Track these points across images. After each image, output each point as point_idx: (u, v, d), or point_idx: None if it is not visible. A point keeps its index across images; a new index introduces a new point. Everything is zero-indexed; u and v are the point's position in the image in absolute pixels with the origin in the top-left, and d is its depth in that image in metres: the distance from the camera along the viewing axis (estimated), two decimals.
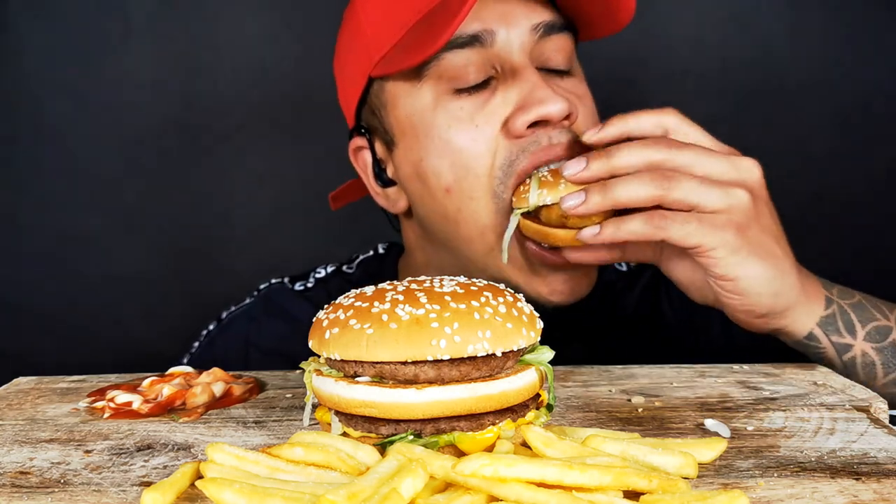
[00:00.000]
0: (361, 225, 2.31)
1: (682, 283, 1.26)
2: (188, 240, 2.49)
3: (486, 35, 1.26)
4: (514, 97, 1.27)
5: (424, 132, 1.32)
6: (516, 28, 1.27)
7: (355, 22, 1.39)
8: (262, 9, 2.41)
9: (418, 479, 0.74)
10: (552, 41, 1.30)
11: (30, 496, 0.83)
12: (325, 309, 0.94)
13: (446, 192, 1.31)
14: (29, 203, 2.47)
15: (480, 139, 1.27)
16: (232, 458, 0.82)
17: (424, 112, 1.31)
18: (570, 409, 1.05)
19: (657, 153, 1.12)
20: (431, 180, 1.33)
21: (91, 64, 2.40)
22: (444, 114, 1.29)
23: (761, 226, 1.15)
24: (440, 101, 1.29)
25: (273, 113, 2.43)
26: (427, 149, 1.32)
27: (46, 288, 2.50)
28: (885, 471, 0.83)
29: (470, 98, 1.28)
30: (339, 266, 1.71)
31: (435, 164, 1.31)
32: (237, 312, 1.68)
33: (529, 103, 1.24)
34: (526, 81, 1.26)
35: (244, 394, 1.14)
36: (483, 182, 1.28)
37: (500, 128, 1.27)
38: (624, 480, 0.75)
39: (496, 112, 1.27)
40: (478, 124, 1.27)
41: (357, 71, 1.39)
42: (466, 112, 1.28)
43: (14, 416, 1.09)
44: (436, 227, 1.39)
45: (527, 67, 1.27)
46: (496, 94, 1.28)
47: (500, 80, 1.29)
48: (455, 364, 0.85)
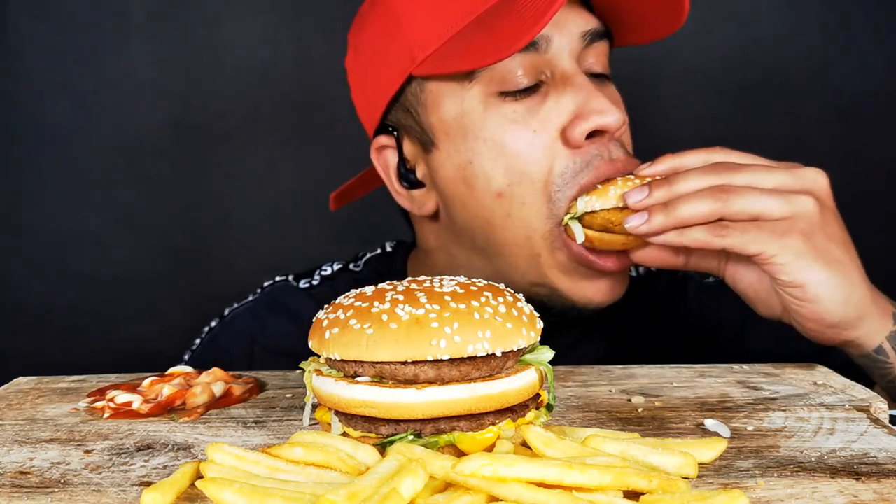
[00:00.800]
0: (361, 225, 2.32)
1: (748, 294, 1.25)
2: (188, 240, 2.49)
3: (543, 41, 1.26)
4: (568, 104, 1.27)
5: (474, 134, 1.30)
6: (568, 35, 1.28)
7: (392, 19, 1.35)
8: (262, 9, 2.41)
9: (418, 479, 0.74)
10: (595, 48, 1.31)
11: (30, 496, 0.83)
12: (324, 309, 0.94)
13: (497, 196, 1.29)
14: (29, 203, 2.47)
15: (538, 144, 1.27)
16: (232, 458, 0.82)
17: (474, 114, 1.29)
18: (570, 409, 1.05)
19: (717, 177, 1.14)
20: (480, 184, 1.31)
21: (91, 64, 2.40)
22: (496, 116, 1.28)
23: (827, 233, 1.14)
24: (490, 104, 1.28)
25: (273, 113, 2.43)
26: (477, 151, 1.30)
27: (46, 288, 2.50)
28: (885, 471, 0.83)
29: (520, 102, 1.28)
30: (345, 264, 1.69)
31: (486, 168, 1.29)
32: (240, 309, 1.66)
33: (588, 112, 1.25)
34: (581, 89, 1.26)
35: (244, 394, 1.14)
36: (538, 187, 1.27)
37: (557, 135, 1.27)
38: (624, 480, 0.75)
39: (551, 118, 1.27)
40: (534, 129, 1.27)
41: (393, 69, 1.36)
42: (520, 115, 1.27)
43: (14, 416, 1.09)
44: (476, 231, 1.36)
45: (578, 74, 1.28)
46: (547, 99, 1.28)
47: (551, 86, 1.28)
48: (455, 364, 0.85)
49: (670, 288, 1.64)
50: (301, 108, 2.43)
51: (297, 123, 2.44)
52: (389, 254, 1.68)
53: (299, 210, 2.47)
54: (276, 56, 2.41)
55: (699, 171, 1.17)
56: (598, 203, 1.22)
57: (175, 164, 2.46)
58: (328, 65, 2.38)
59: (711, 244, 1.13)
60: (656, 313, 1.60)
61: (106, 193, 2.46)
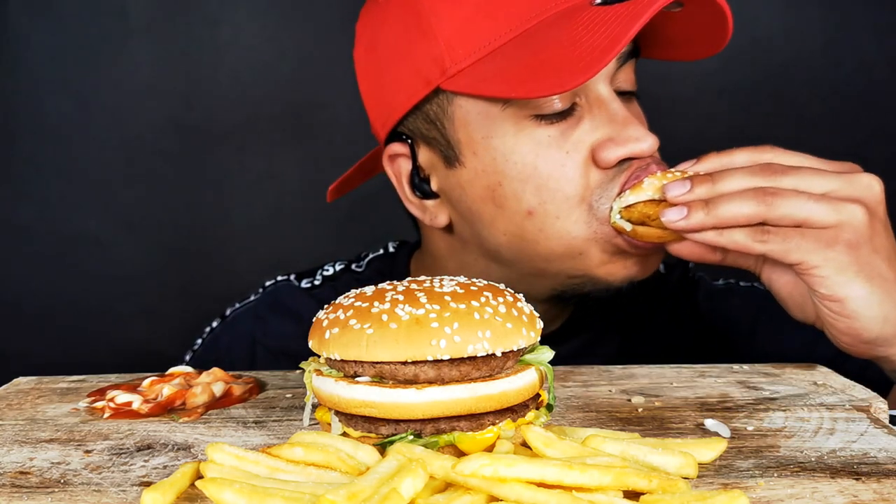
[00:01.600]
0: (361, 225, 2.32)
1: (782, 297, 1.22)
2: (188, 240, 2.49)
3: None
4: (602, 127, 1.26)
5: (504, 157, 1.28)
6: None
7: (417, 20, 1.30)
8: (262, 9, 2.41)
9: (418, 479, 0.74)
10: (626, 66, 1.30)
11: (30, 496, 0.83)
12: (324, 309, 0.94)
13: (528, 214, 1.28)
14: (29, 203, 2.47)
15: (570, 164, 1.25)
16: (232, 458, 0.82)
17: (506, 137, 1.27)
18: (570, 409, 1.05)
19: (763, 178, 1.11)
20: (511, 204, 1.29)
21: (91, 64, 2.40)
22: (529, 141, 1.26)
23: (874, 246, 1.09)
24: (523, 127, 1.26)
25: (273, 113, 2.43)
26: (507, 174, 1.28)
27: (46, 288, 2.50)
28: (885, 471, 0.83)
29: (554, 126, 1.26)
30: (348, 264, 1.67)
31: (517, 189, 1.28)
32: (242, 310, 1.64)
33: (623, 139, 1.24)
34: (615, 114, 1.26)
35: (244, 394, 1.14)
36: (573, 202, 1.26)
37: (588, 154, 1.26)
38: (624, 480, 0.75)
39: (584, 140, 1.26)
40: (567, 151, 1.26)
41: (418, 77, 1.31)
42: (554, 139, 1.26)
43: (14, 416, 1.09)
44: (502, 246, 1.35)
45: (613, 99, 1.26)
46: (582, 122, 1.26)
47: (586, 109, 1.27)
48: (455, 364, 0.85)
49: (682, 284, 1.64)
50: (301, 108, 2.43)
51: (296, 123, 2.44)
52: (392, 254, 1.66)
53: (299, 210, 2.47)
54: (275, 56, 2.41)
55: (745, 170, 1.13)
56: (631, 196, 1.21)
57: (175, 164, 2.46)
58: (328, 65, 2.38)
59: (751, 248, 1.10)
60: (668, 308, 1.60)
61: (106, 193, 2.46)
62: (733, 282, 1.67)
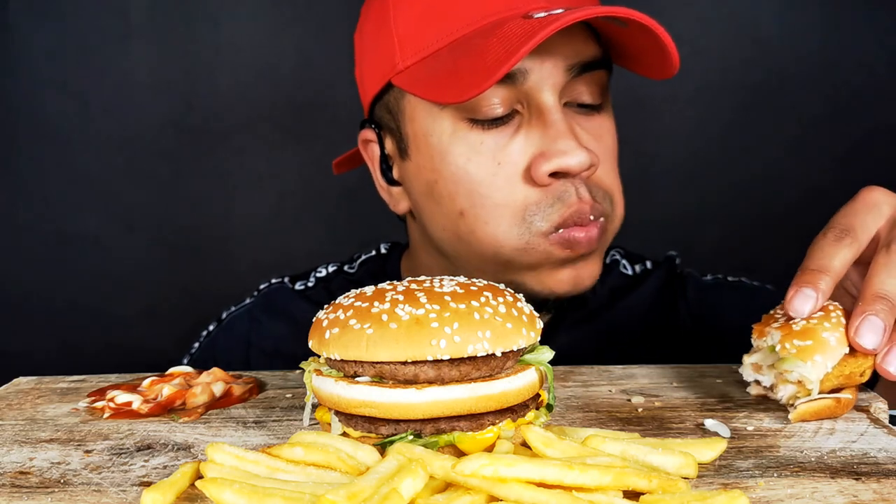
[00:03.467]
0: (361, 225, 2.32)
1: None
2: (188, 240, 2.49)
3: (520, 74, 1.23)
4: (537, 140, 1.25)
5: (440, 157, 1.30)
6: (552, 68, 1.24)
7: (383, 13, 1.34)
8: (262, 8, 2.41)
9: (418, 479, 0.74)
10: (586, 78, 1.28)
11: (30, 496, 0.83)
12: (324, 309, 0.94)
13: (460, 214, 1.31)
14: (29, 203, 2.47)
15: (501, 175, 1.26)
16: (232, 458, 0.82)
17: (443, 136, 1.29)
18: (570, 409, 1.05)
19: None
20: (445, 202, 1.32)
21: (91, 64, 2.40)
22: (462, 144, 1.27)
23: None
24: (459, 129, 1.27)
25: (273, 113, 2.43)
26: (442, 173, 1.30)
27: (46, 288, 2.50)
28: (885, 471, 0.83)
29: (490, 132, 1.26)
30: (340, 265, 1.69)
31: (451, 189, 1.30)
32: (238, 312, 1.67)
33: (552, 154, 1.23)
34: (550, 127, 1.24)
35: (244, 394, 1.14)
36: (503, 211, 1.27)
37: (521, 170, 1.26)
38: (624, 480, 0.75)
39: (516, 154, 1.26)
40: (499, 162, 1.26)
41: (378, 68, 1.36)
42: (487, 148, 1.27)
43: (14, 416, 1.09)
44: (444, 241, 1.38)
45: (554, 111, 1.25)
46: (519, 132, 1.27)
47: (525, 119, 1.27)
48: (455, 364, 0.85)
49: (668, 286, 1.63)
50: (301, 108, 2.43)
51: (297, 123, 2.44)
52: (384, 255, 1.68)
53: (299, 210, 2.47)
54: (276, 56, 2.41)
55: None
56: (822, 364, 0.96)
57: (175, 164, 2.46)
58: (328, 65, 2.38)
59: None
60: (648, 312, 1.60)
61: (106, 193, 2.46)
62: (721, 276, 1.68)
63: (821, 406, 0.97)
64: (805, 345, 0.96)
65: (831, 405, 0.97)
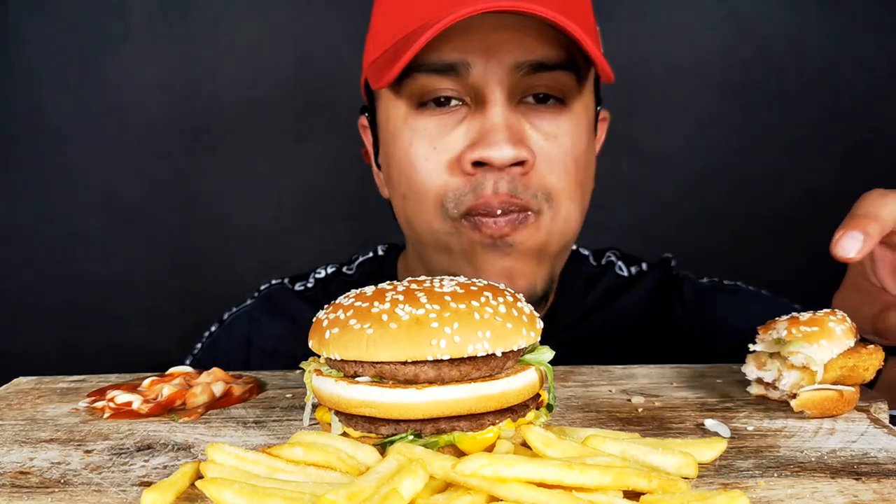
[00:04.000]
0: (361, 225, 2.32)
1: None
2: (188, 240, 2.49)
3: (461, 66, 1.27)
4: (473, 132, 1.29)
5: (392, 140, 1.37)
6: (498, 64, 1.26)
7: (374, 11, 1.43)
8: (262, 9, 2.41)
9: (418, 479, 0.74)
10: (543, 77, 1.29)
11: (30, 496, 0.83)
12: (325, 309, 0.94)
13: (402, 197, 1.38)
14: (29, 203, 2.47)
15: (433, 160, 1.31)
16: (232, 458, 0.82)
17: (397, 122, 1.35)
18: (570, 409, 1.05)
19: None
20: (395, 186, 1.40)
21: (91, 64, 2.40)
22: (409, 130, 1.33)
23: None
24: (409, 117, 1.33)
25: (273, 113, 2.43)
26: (393, 156, 1.38)
27: (46, 288, 2.50)
28: (885, 471, 0.83)
29: (435, 119, 1.31)
30: (339, 267, 1.72)
31: (397, 173, 1.37)
32: (238, 313, 1.69)
33: (479, 144, 1.27)
34: (487, 120, 1.27)
35: (244, 394, 1.14)
36: (430, 198, 1.33)
37: (453, 157, 1.31)
38: (624, 480, 0.75)
39: (453, 142, 1.31)
40: (436, 147, 1.32)
41: (364, 59, 1.45)
42: (430, 133, 1.32)
43: (14, 416, 1.09)
44: (404, 229, 1.46)
45: (493, 104, 1.27)
46: (462, 123, 1.31)
47: (471, 111, 1.31)
48: (455, 364, 0.85)
49: (663, 287, 1.63)
50: (301, 109, 2.43)
51: (297, 123, 2.44)
52: (381, 257, 1.71)
53: (299, 209, 2.47)
54: (276, 56, 2.41)
55: None
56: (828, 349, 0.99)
57: (175, 164, 2.46)
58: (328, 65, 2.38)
59: None
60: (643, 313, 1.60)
61: (106, 193, 2.46)
62: (718, 280, 1.68)
63: (823, 397, 0.98)
64: (812, 330, 0.99)
65: (834, 397, 0.98)
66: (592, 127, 1.42)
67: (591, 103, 1.41)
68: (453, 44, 1.25)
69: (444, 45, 1.25)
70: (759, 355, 1.07)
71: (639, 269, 1.65)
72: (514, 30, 1.25)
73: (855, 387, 1.00)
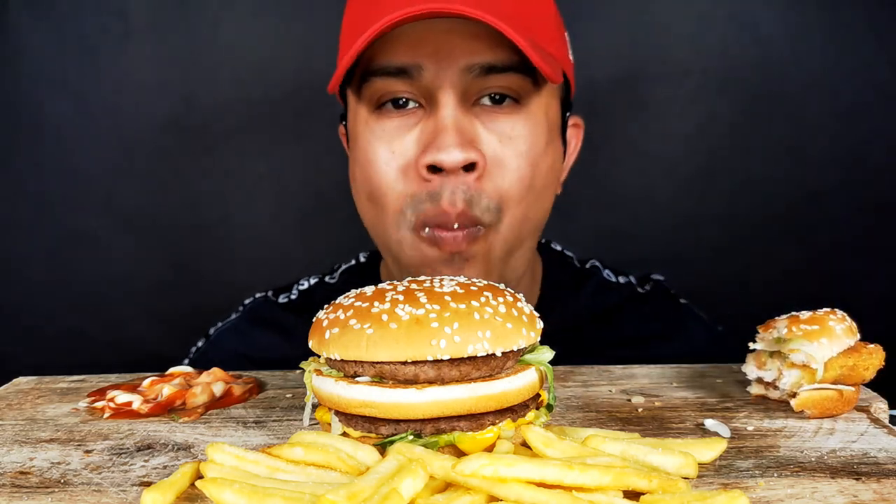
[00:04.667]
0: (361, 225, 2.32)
1: None
2: (188, 240, 2.49)
3: (413, 69, 1.28)
4: (426, 134, 1.30)
5: (354, 142, 1.39)
6: (448, 66, 1.27)
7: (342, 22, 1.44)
8: (262, 8, 2.41)
9: (418, 479, 0.74)
10: (495, 79, 1.29)
11: (30, 496, 0.83)
12: (324, 309, 0.94)
13: (365, 199, 1.39)
14: (29, 203, 2.47)
15: (393, 165, 1.32)
16: (232, 458, 0.82)
17: (358, 124, 1.37)
18: (570, 409, 1.05)
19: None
20: (357, 186, 1.40)
21: (91, 64, 2.40)
22: (368, 131, 1.35)
23: None
24: (369, 119, 1.35)
25: (273, 113, 2.43)
26: (356, 159, 1.39)
27: (46, 288, 2.50)
28: (885, 471, 0.83)
29: (393, 120, 1.32)
30: (321, 277, 1.72)
31: (359, 174, 1.38)
32: (224, 328, 1.70)
33: (430, 147, 1.27)
34: (439, 122, 1.28)
35: (244, 394, 1.14)
36: (390, 202, 1.33)
37: (410, 161, 1.31)
38: (624, 480, 0.75)
39: (410, 144, 1.32)
40: (394, 150, 1.32)
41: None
42: (387, 134, 1.33)
43: (14, 416, 1.09)
44: (370, 233, 1.45)
45: (444, 106, 1.28)
46: (417, 126, 1.32)
47: (426, 113, 1.31)
48: (455, 364, 0.85)
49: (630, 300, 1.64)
50: (301, 109, 2.42)
51: (297, 123, 2.43)
52: (363, 264, 1.72)
53: (299, 210, 2.47)
54: (276, 56, 2.41)
55: None
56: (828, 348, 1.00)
57: (175, 164, 2.45)
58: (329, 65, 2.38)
59: None
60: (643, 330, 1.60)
61: (106, 193, 2.46)
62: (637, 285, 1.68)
63: (823, 396, 0.98)
64: (812, 328, 1.00)
65: (834, 397, 0.98)
66: (556, 131, 1.41)
67: (553, 107, 1.39)
68: (405, 47, 1.27)
69: (397, 49, 1.27)
70: (759, 354, 1.07)
71: (627, 280, 1.66)
72: (465, 34, 1.27)
73: (855, 386, 1.00)
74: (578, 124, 1.56)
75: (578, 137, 1.56)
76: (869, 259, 2.21)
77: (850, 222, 2.21)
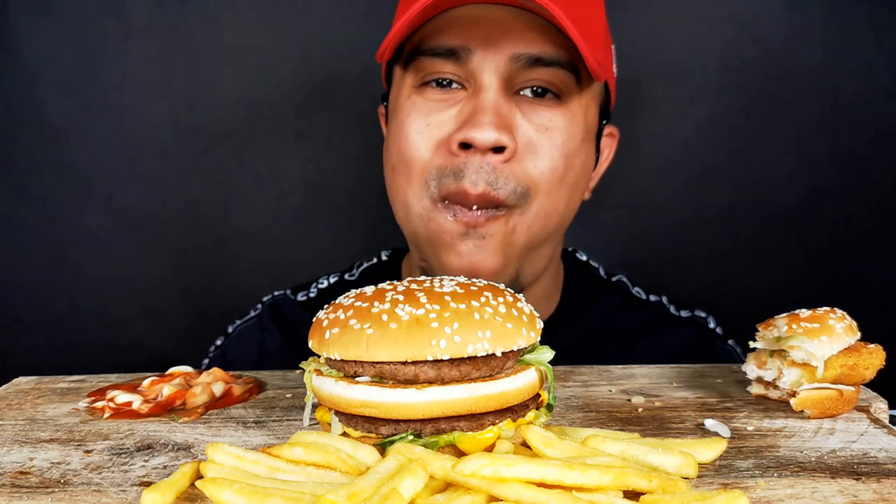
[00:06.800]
0: (361, 225, 2.31)
1: None
2: (188, 240, 2.49)
3: (462, 51, 1.30)
4: (464, 113, 1.31)
5: (394, 114, 1.41)
6: (495, 53, 1.30)
7: None
8: (262, 9, 2.41)
9: (418, 479, 0.74)
10: (540, 71, 1.31)
11: (30, 496, 0.83)
12: (325, 309, 0.94)
13: (392, 170, 1.40)
14: (29, 203, 2.47)
15: (425, 135, 1.34)
16: (232, 458, 0.82)
17: (400, 98, 1.39)
18: (570, 409, 1.05)
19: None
20: (388, 157, 1.41)
21: (91, 64, 2.40)
22: (410, 104, 1.37)
23: None
24: (412, 93, 1.37)
25: (273, 113, 2.43)
26: (392, 130, 1.41)
27: (46, 288, 2.50)
28: (885, 471, 0.83)
29: (433, 97, 1.34)
30: (341, 275, 1.72)
31: (392, 144, 1.40)
32: (245, 325, 1.69)
33: (466, 124, 1.29)
34: (479, 103, 1.30)
35: (244, 394, 1.14)
36: (416, 172, 1.34)
37: (444, 135, 1.32)
38: (624, 480, 0.75)
39: (447, 119, 1.33)
40: (430, 122, 1.34)
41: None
42: (427, 108, 1.35)
43: (14, 416, 1.09)
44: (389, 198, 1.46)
45: (487, 90, 1.30)
46: (458, 104, 1.33)
47: (468, 95, 1.33)
48: (455, 364, 0.85)
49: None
50: (302, 109, 2.42)
51: (297, 123, 2.43)
52: (385, 262, 1.71)
53: (300, 210, 2.46)
54: (276, 56, 2.41)
55: None
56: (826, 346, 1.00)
57: (175, 164, 2.45)
58: (328, 65, 2.37)
59: None
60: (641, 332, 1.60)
61: (106, 193, 2.46)
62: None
63: (823, 396, 0.98)
64: (812, 326, 1.00)
65: (834, 396, 0.98)
66: (591, 134, 1.42)
67: (592, 110, 1.41)
68: (458, 30, 1.30)
69: (449, 31, 1.30)
70: (759, 354, 1.07)
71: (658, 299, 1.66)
72: (519, 23, 1.29)
73: (855, 386, 1.00)
74: (613, 134, 1.57)
75: (612, 148, 1.57)
76: (869, 259, 2.21)
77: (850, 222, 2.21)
